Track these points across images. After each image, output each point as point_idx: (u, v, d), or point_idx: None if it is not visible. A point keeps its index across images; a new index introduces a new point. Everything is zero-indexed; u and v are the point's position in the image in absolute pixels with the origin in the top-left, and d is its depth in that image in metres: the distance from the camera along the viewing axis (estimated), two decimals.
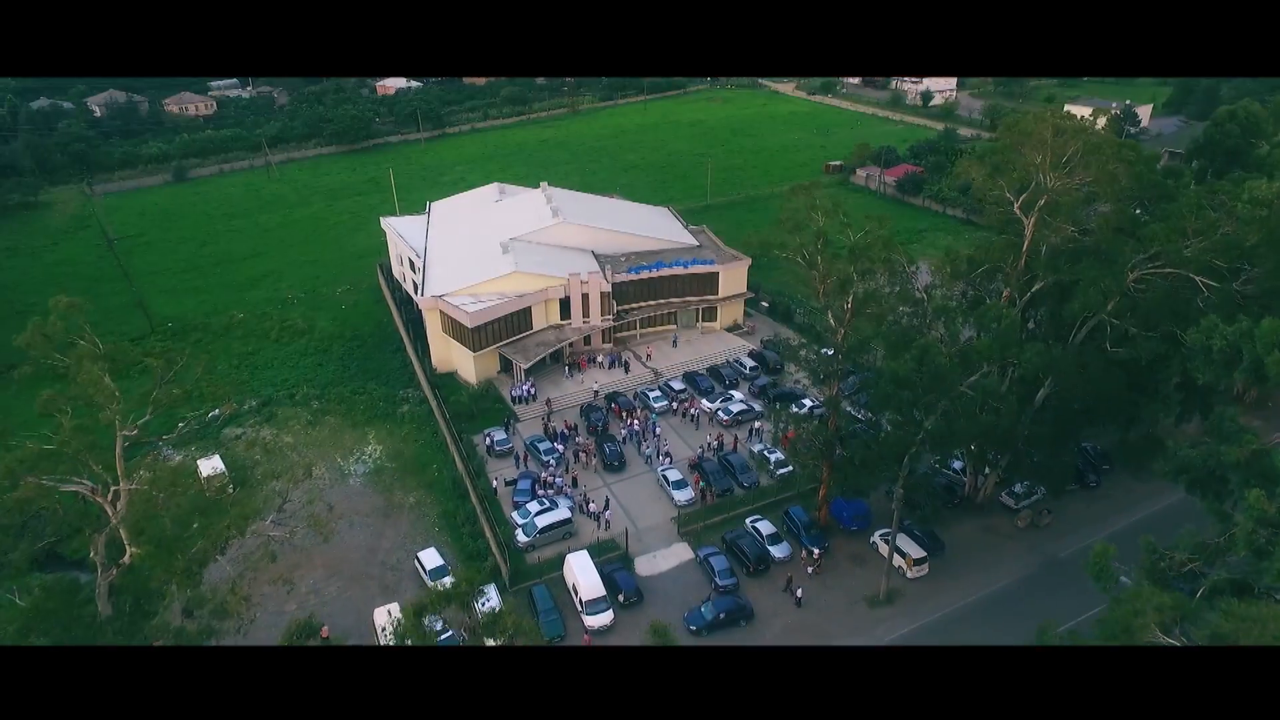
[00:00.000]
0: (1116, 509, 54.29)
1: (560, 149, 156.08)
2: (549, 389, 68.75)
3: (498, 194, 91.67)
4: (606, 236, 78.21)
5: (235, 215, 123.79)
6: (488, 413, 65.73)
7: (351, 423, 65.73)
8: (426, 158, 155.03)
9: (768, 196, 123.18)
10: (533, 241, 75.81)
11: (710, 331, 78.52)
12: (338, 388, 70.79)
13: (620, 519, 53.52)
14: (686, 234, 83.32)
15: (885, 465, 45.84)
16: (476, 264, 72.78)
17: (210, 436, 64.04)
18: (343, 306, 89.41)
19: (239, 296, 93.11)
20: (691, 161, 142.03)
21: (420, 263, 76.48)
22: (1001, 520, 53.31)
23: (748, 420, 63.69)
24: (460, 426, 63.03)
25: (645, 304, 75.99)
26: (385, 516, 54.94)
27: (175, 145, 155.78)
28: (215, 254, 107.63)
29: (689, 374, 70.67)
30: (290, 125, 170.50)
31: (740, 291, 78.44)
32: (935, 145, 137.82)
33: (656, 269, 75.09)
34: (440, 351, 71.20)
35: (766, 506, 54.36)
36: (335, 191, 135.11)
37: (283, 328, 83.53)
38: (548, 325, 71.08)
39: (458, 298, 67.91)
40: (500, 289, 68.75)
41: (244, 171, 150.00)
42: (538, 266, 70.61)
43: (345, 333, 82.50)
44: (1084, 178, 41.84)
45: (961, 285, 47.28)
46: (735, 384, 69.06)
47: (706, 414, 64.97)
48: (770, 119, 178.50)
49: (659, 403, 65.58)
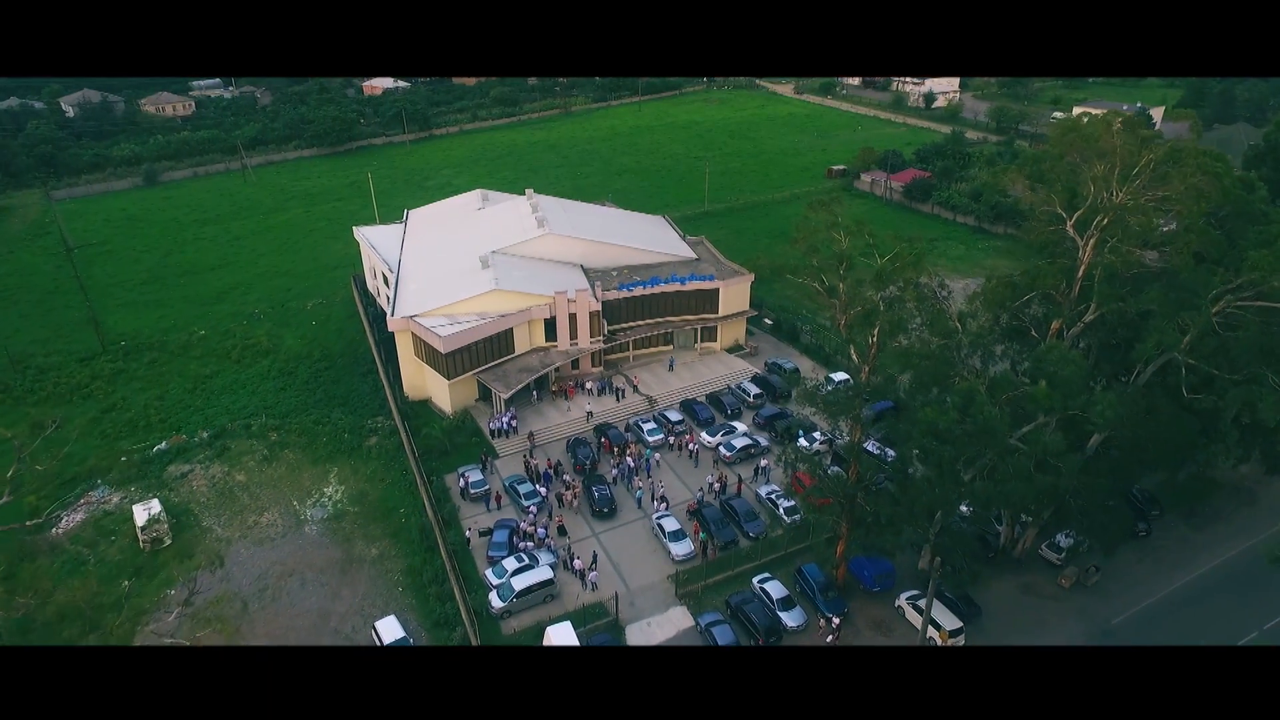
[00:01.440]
0: (1172, 563, 48.01)
1: (551, 152, 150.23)
2: (532, 420, 62.19)
3: (480, 201, 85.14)
4: (597, 249, 71.74)
5: (206, 222, 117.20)
6: (463, 448, 59.10)
7: (312, 458, 59.05)
8: (411, 161, 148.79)
9: (768, 203, 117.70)
10: (516, 255, 69.29)
11: (709, 353, 72.09)
12: (300, 416, 64.10)
13: (609, 577, 47.06)
14: (684, 245, 76.90)
15: (915, 521, 39.59)
16: (454, 280, 66.22)
17: (154, 475, 57.29)
18: (313, 323, 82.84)
19: (202, 311, 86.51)
20: (688, 165, 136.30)
21: (393, 278, 69.90)
22: (1042, 579, 46.93)
23: (753, 457, 57.26)
24: (431, 465, 56.44)
25: (639, 323, 69.49)
26: (343, 573, 48.31)
27: (149, 147, 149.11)
28: (180, 264, 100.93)
29: (687, 402, 64.23)
30: (271, 126, 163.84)
31: (742, 309, 72.02)
32: (942, 149, 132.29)
33: (652, 285, 68.62)
34: (412, 377, 64.57)
35: (776, 562, 47.92)
36: (314, 196, 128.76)
37: (246, 347, 76.85)
38: (531, 348, 64.52)
39: (431, 318, 61.33)
40: (479, 308, 62.19)
41: (220, 175, 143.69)
42: (521, 283, 64.05)
43: (314, 352, 75.88)
44: (1157, 193, 35.40)
45: (1000, 312, 40.84)
46: (738, 413, 62.61)
47: (707, 448, 58.54)
48: (769, 121, 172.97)
49: (654, 435, 59.08)
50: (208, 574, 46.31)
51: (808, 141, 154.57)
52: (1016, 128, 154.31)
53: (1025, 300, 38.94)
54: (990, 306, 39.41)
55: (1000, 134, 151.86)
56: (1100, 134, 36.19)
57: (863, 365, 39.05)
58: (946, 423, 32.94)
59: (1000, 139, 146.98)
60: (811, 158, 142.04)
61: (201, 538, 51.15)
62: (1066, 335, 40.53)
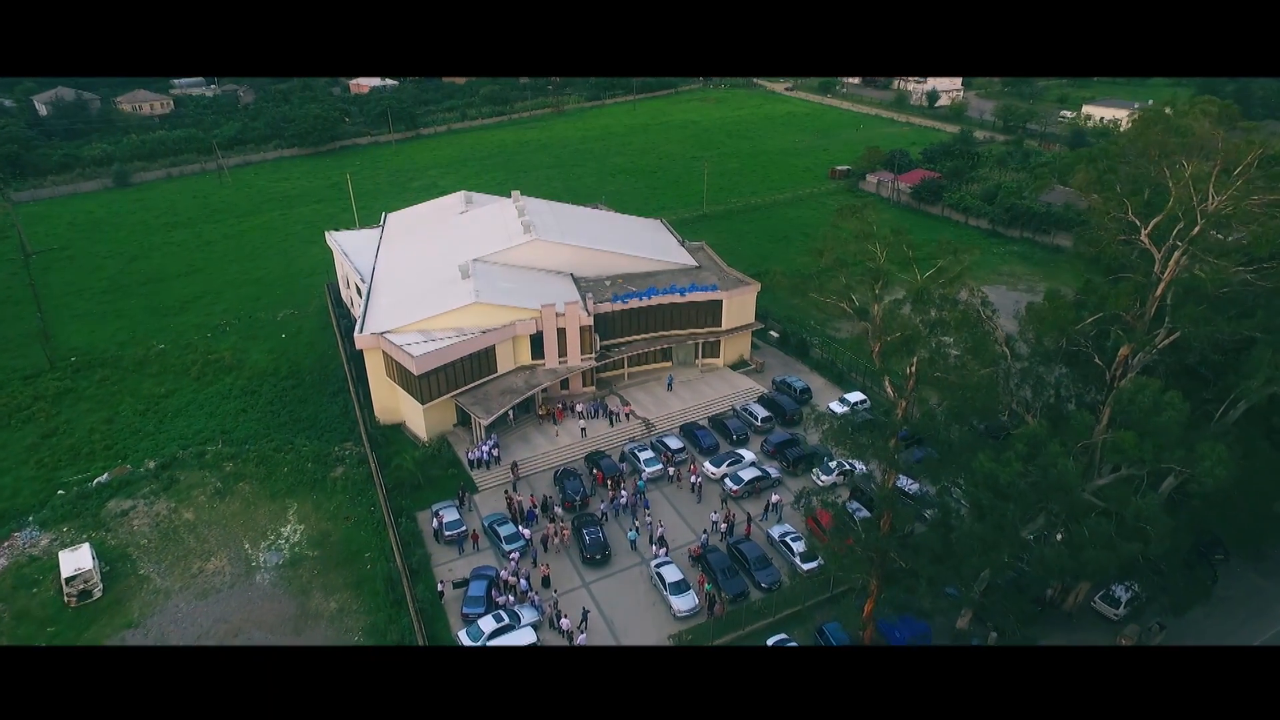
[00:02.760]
0: (1245, 616, 42.16)
1: (542, 151, 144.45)
2: (516, 448, 56.04)
3: (463, 204, 79.02)
4: (589, 256, 65.69)
5: (176, 225, 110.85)
6: (439, 481, 52.90)
7: (270, 491, 52.86)
8: (396, 161, 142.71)
9: (769, 204, 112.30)
10: (499, 263, 63.22)
11: (712, 370, 66.10)
12: (260, 443, 57.88)
13: (601, 635, 41.01)
14: (683, 252, 70.92)
15: (961, 580, 33.71)
16: (431, 292, 60.11)
17: (90, 513, 51.03)
18: (283, 335, 76.63)
19: (164, 323, 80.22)
20: (685, 165, 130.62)
21: (365, 289, 63.79)
22: (1097, 636, 41.03)
23: (763, 491, 51.31)
24: (403, 502, 50.31)
25: (635, 338, 63.47)
26: (296, 632, 42.10)
27: (122, 147, 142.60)
28: (145, 271, 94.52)
29: (688, 426, 58.21)
30: (251, 125, 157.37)
31: (748, 322, 66.07)
32: (950, 149, 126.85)
33: (649, 296, 62.56)
34: (384, 399, 58.40)
35: (793, 619, 41.89)
36: (292, 199, 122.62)
37: (207, 362, 70.57)
38: (516, 367, 58.42)
39: (404, 335, 55.21)
40: (457, 324, 56.10)
41: (195, 176, 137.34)
42: (504, 295, 57.96)
43: (281, 369, 69.67)
44: (1264, 197, 29.47)
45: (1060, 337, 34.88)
46: (744, 438, 56.62)
47: (711, 479, 52.57)
48: (767, 120, 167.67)
49: (651, 466, 53.05)
50: (139, 634, 40.26)
51: (808, 141, 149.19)
52: (1024, 126, 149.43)
53: (1090, 322, 33.06)
54: (1048, 330, 33.54)
55: (1007, 133, 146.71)
56: (1195, 126, 30.31)
57: (899, 400, 33.09)
58: (1009, 476, 27.03)
59: (1007, 139, 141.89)
60: (813, 158, 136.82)
61: (138, 589, 44.89)
62: (1133, 362, 34.63)
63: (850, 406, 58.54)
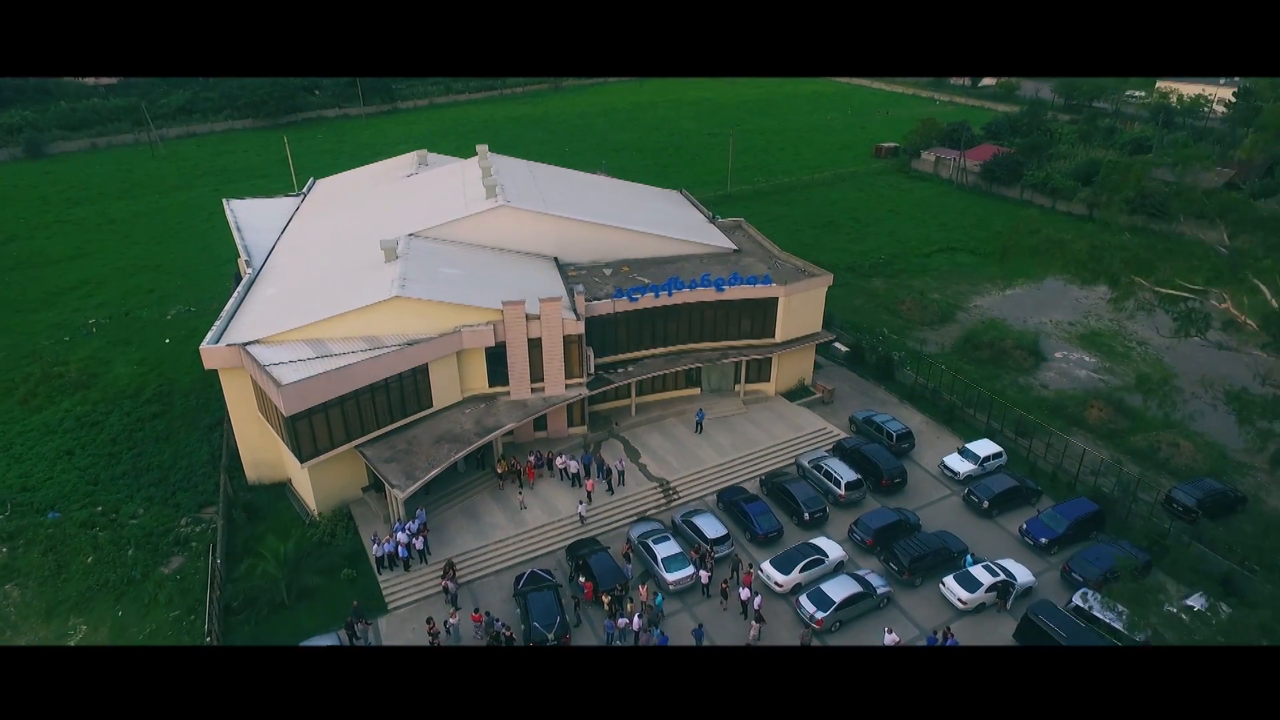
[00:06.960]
0: None
1: (536, 127, 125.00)
2: (455, 531, 35.34)
3: (415, 165, 58.50)
4: (581, 231, 45.11)
5: (81, 201, 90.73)
6: (321, 594, 32.14)
7: (50, 601, 32.29)
8: (365, 135, 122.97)
9: (806, 185, 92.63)
10: (448, 240, 42.70)
11: (759, 400, 45.47)
12: (70, 506, 37.38)
13: None
14: (715, 230, 50.37)
15: None
16: (335, 282, 39.58)
17: None
18: (166, 340, 56.28)
19: (18, 320, 59.94)
20: (701, 142, 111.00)
21: (248, 276, 43.23)
22: None
23: (864, 615, 30.73)
24: (251, 633, 29.67)
25: (647, 353, 42.90)
26: None
27: (47, 115, 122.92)
28: (21, 254, 74.24)
29: (728, 493, 37.61)
30: (203, 95, 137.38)
31: (812, 331, 45.41)
32: (1017, 123, 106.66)
33: (669, 291, 41.90)
34: (257, 449, 37.55)
35: None
36: (233, 173, 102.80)
37: (45, 378, 50.04)
38: (463, 398, 37.78)
39: (281, 347, 34.58)
40: (368, 330, 35.55)
41: (126, 148, 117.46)
42: (446, 288, 37.35)
43: (146, 389, 49.25)
44: None
45: None
46: (820, 515, 36.02)
47: (776, 593, 31.99)
48: (790, 98, 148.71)
49: (676, 571, 32.40)
50: None
51: (842, 118, 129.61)
52: (1090, 104, 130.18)
53: None
54: None
55: (1068, 112, 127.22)
56: None
57: None
58: None
59: (1072, 117, 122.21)
60: (849, 135, 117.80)
61: None
62: None
63: (978, 463, 38.12)
